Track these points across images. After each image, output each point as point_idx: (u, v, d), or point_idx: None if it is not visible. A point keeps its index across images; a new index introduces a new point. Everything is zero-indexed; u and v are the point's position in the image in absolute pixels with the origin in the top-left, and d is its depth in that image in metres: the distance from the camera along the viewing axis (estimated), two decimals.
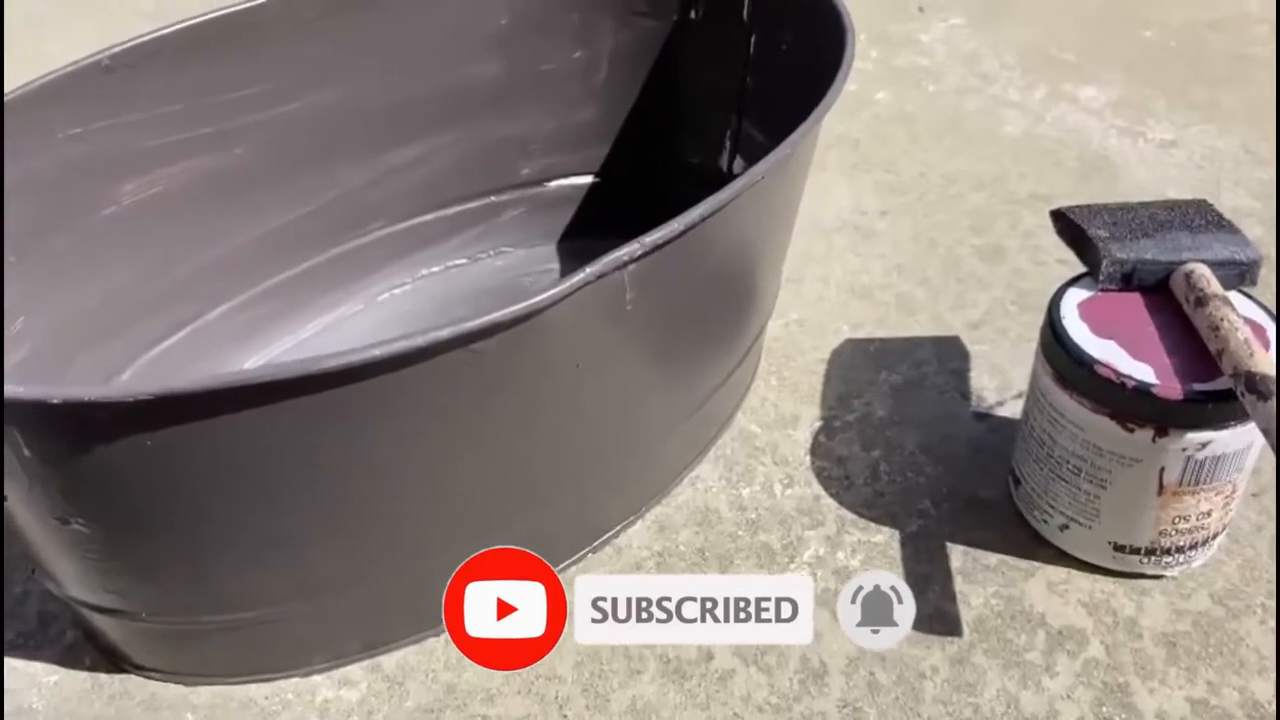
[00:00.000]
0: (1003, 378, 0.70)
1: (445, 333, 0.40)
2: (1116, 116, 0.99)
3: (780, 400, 0.69)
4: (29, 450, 0.40)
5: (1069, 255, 0.59)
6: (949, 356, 0.72)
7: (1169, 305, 0.54)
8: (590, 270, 0.43)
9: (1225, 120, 0.97)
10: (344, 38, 0.68)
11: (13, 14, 1.32)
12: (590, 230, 0.82)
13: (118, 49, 0.59)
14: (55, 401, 0.37)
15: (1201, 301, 0.52)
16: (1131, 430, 0.51)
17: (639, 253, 0.45)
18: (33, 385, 0.37)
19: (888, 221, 0.86)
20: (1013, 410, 0.67)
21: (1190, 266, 0.54)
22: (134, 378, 0.64)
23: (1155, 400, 0.50)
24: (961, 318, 0.75)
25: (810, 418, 0.68)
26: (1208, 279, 0.53)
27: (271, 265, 0.71)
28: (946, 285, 0.78)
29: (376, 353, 0.39)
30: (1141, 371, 0.50)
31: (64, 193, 0.58)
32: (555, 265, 0.81)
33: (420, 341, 0.39)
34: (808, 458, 0.65)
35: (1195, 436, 0.50)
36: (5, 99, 0.54)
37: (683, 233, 0.46)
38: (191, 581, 0.48)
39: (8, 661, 0.55)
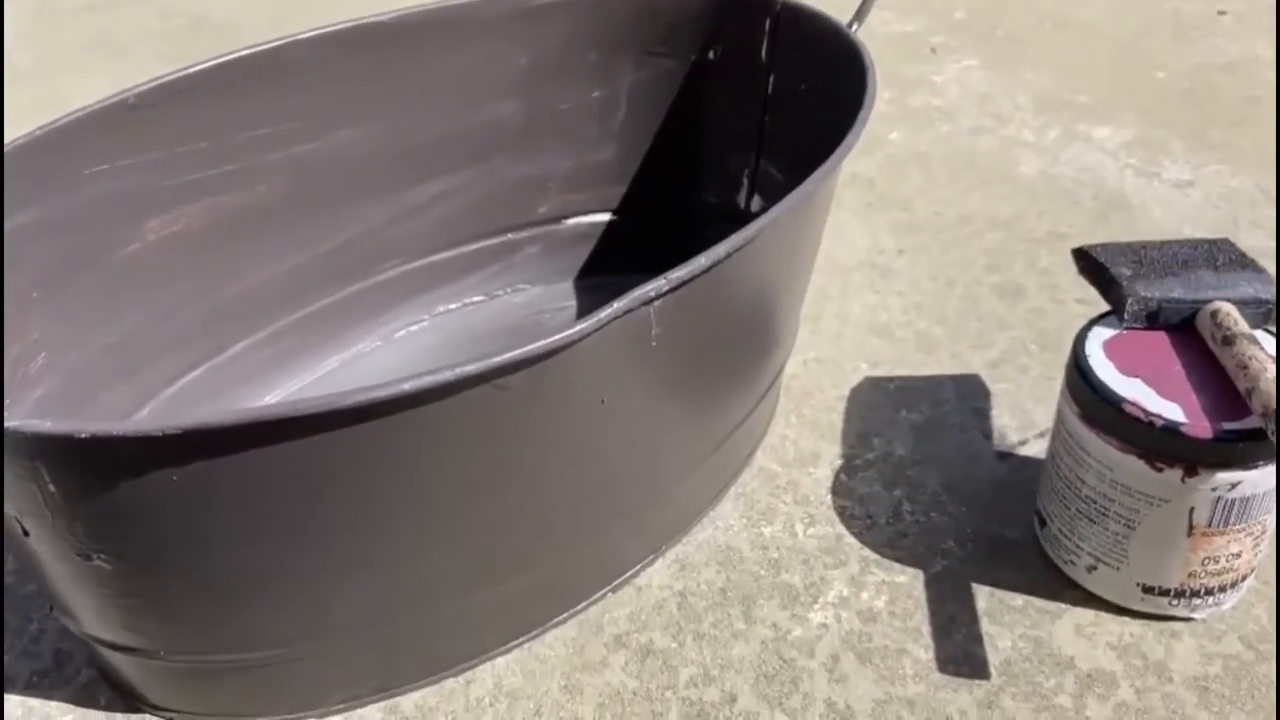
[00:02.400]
0: (1024, 417, 0.69)
1: (473, 367, 0.40)
2: (1131, 157, 0.99)
3: (800, 438, 0.68)
4: (54, 486, 0.39)
5: (1088, 294, 0.59)
6: (969, 395, 0.71)
7: (1194, 344, 0.54)
8: (618, 305, 0.43)
9: (1240, 161, 0.98)
10: (365, 78, 0.68)
11: (32, 58, 1.34)
12: (607, 267, 0.83)
13: (143, 88, 0.59)
14: (83, 436, 0.36)
15: (1228, 340, 0.51)
16: (1160, 470, 0.51)
17: (665, 288, 0.45)
18: (60, 420, 0.36)
19: (905, 260, 0.86)
20: (1035, 449, 0.66)
21: (1216, 305, 0.54)
22: (153, 414, 0.64)
23: (1184, 439, 0.49)
24: (981, 356, 0.75)
25: (831, 456, 0.67)
26: (1234, 317, 0.53)
27: (290, 302, 0.71)
28: (965, 324, 0.78)
29: (405, 387, 0.38)
30: (1170, 410, 0.50)
31: (89, 231, 0.58)
32: (573, 302, 0.81)
33: (449, 376, 0.39)
34: (829, 496, 0.64)
35: (1225, 476, 0.50)
36: (34, 135, 0.54)
37: (708, 269, 0.46)
38: (211, 619, 0.47)
39: (23, 700, 0.54)
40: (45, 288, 0.56)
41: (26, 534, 0.43)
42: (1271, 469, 0.50)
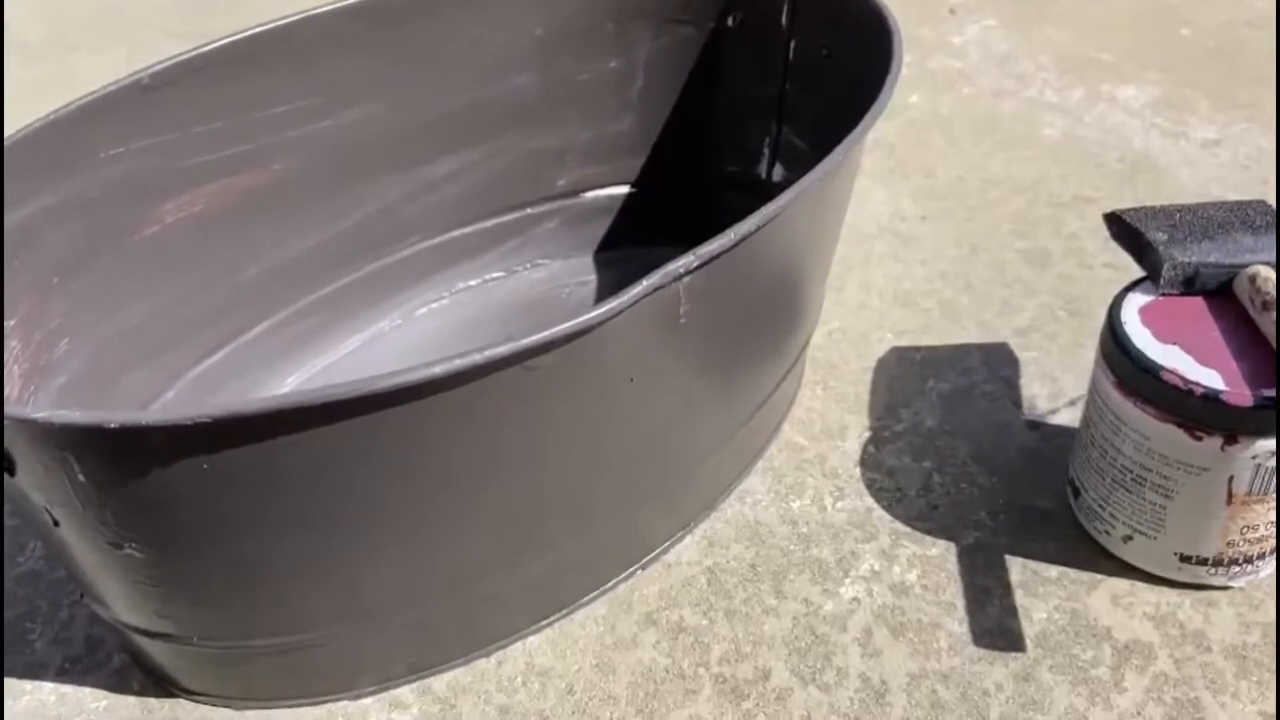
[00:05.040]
0: (1054, 385, 0.68)
1: (504, 349, 0.39)
2: (1157, 116, 0.97)
3: (827, 411, 0.68)
4: (84, 476, 0.39)
5: (1116, 259, 0.58)
6: (997, 364, 0.70)
7: (1233, 309, 0.53)
8: (647, 283, 0.42)
9: (1269, 119, 0.96)
10: (380, 53, 0.67)
11: (42, 35, 1.33)
12: (628, 240, 0.82)
13: (158, 67, 0.58)
14: (113, 426, 0.36)
15: (1268, 305, 0.50)
16: (1199, 438, 0.50)
17: (695, 264, 0.44)
18: (89, 410, 0.36)
19: (928, 227, 0.85)
20: (1066, 418, 0.66)
21: (1254, 269, 0.53)
22: (178, 397, 0.64)
23: (1224, 407, 0.48)
24: (1009, 324, 0.74)
25: (858, 428, 0.66)
26: (1274, 281, 0.51)
27: (310, 282, 0.71)
28: (992, 291, 0.77)
29: (436, 370, 0.38)
30: (1209, 378, 0.49)
31: (107, 213, 0.57)
32: (593, 277, 0.81)
33: (479, 358, 0.39)
34: (857, 469, 0.64)
35: (1265, 444, 0.49)
36: (49, 119, 0.54)
37: (737, 243, 0.45)
38: (242, 605, 0.47)
39: (55, 687, 0.54)
40: (65, 273, 0.56)
41: (56, 524, 0.43)
42: None
